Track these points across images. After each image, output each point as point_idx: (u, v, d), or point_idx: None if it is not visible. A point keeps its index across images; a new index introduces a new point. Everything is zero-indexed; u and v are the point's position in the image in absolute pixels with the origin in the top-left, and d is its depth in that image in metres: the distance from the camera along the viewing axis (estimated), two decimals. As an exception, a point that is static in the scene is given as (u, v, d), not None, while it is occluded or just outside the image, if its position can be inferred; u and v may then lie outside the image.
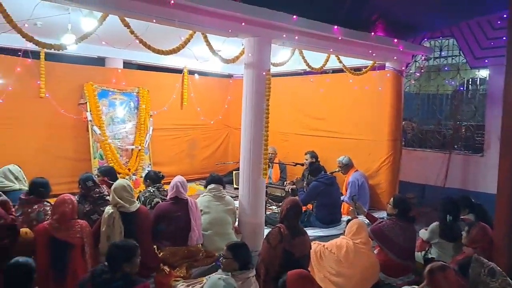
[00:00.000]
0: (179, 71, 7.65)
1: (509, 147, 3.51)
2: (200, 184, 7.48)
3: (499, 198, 3.52)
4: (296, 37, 4.62)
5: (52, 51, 5.90)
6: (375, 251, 4.27)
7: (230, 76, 8.63)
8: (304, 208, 5.58)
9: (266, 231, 4.69)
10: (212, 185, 4.54)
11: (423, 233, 4.55)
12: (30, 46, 5.53)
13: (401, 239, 4.19)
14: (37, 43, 3.45)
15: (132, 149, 6.83)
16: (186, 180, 4.38)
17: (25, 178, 4.61)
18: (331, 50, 5.15)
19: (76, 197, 3.97)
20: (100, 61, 7.10)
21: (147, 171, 5.91)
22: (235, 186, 7.07)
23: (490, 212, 4.15)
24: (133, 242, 2.92)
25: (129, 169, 6.63)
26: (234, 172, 7.46)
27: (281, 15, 4.32)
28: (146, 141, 7.02)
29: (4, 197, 3.54)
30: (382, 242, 4.21)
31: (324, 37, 4.94)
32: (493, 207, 3.76)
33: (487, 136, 6.42)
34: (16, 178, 4.49)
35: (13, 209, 3.59)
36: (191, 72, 7.77)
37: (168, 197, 4.27)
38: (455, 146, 6.97)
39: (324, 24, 4.80)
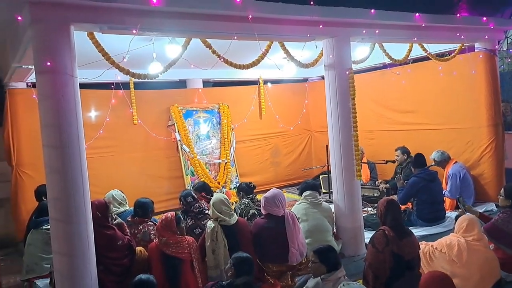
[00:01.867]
0: (254, 82, 7.78)
1: None
2: (288, 192, 7.51)
3: None
4: (377, 31, 4.45)
5: (139, 80, 6.43)
6: (491, 248, 3.92)
7: (305, 80, 8.59)
8: (403, 207, 5.35)
9: (366, 234, 4.58)
10: (308, 192, 4.50)
11: None
12: (120, 78, 6.11)
13: None
14: (132, 75, 3.70)
15: (219, 163, 7.07)
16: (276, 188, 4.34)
17: (127, 201, 4.91)
18: (415, 38, 4.88)
19: (179, 212, 4.17)
20: (181, 84, 7.48)
21: (238, 184, 6.06)
22: (323, 190, 6.97)
23: None
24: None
25: (218, 182, 6.88)
26: (321, 176, 7.37)
27: (358, 11, 4.21)
28: (231, 154, 7.23)
29: (119, 220, 3.83)
30: (498, 239, 3.88)
31: (406, 26, 4.71)
32: None
33: None
34: (120, 203, 4.78)
35: (127, 230, 3.86)
36: (266, 82, 7.87)
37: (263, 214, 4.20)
38: None
39: (404, 13, 4.59)
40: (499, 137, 5.74)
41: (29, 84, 5.94)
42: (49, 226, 4.02)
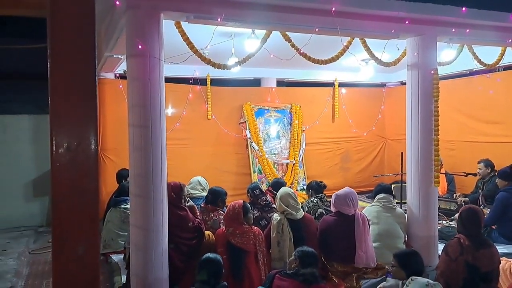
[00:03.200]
0: (329, 84, 7.69)
1: None
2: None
3: None
4: (467, 31, 4.19)
5: (216, 76, 6.66)
6: None
7: (383, 85, 8.31)
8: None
9: (440, 246, 4.30)
10: (382, 195, 4.34)
11: None
12: (198, 74, 6.38)
13: None
14: (213, 64, 3.84)
15: (287, 164, 7.07)
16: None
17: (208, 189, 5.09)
18: (509, 41, 4.51)
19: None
20: (256, 82, 7.61)
21: (305, 185, 6.00)
22: (396, 201, 6.66)
23: None
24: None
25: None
26: (393, 186, 7.04)
27: (448, 8, 3.99)
28: (300, 156, 7.19)
29: (191, 203, 3.97)
30: None
31: (500, 27, 4.37)
32: None
33: None
34: (203, 189, 5.04)
35: (198, 213, 3.99)
36: (342, 85, 7.74)
37: (333, 211, 4.16)
38: None
39: (499, 12, 4.26)
40: None
41: (116, 75, 6.42)
42: (127, 206, 4.33)
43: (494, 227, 4.90)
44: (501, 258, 3.54)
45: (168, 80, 6.47)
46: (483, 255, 3.22)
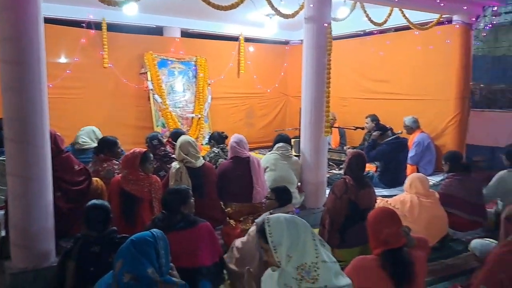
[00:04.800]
0: (235, 38, 7.64)
1: None
2: (259, 153, 7.51)
3: None
4: (359, -14, 4.41)
5: (113, 21, 6.19)
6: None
7: (286, 42, 8.48)
8: (365, 170, 5.49)
9: (328, 190, 4.68)
10: (281, 144, 4.56)
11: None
12: (93, 17, 5.87)
13: (463, 193, 4.10)
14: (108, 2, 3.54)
15: (192, 118, 6.98)
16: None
17: None
18: (395, 0, 4.86)
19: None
20: (158, 31, 7.25)
21: (211, 132, 6.00)
22: (295, 154, 7.02)
23: None
24: (185, 185, 3.12)
25: (189, 137, 6.80)
26: (293, 140, 7.39)
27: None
28: (205, 110, 7.14)
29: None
30: (448, 205, 4.04)
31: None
32: None
33: None
34: (97, 138, 4.74)
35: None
36: (247, 40, 7.73)
37: (228, 157, 4.31)
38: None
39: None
40: (465, 111, 5.91)
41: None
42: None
43: (376, 172, 5.45)
44: (377, 198, 4.00)
45: (58, 22, 5.93)
46: (363, 195, 3.60)
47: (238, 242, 3.15)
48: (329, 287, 1.94)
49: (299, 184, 4.64)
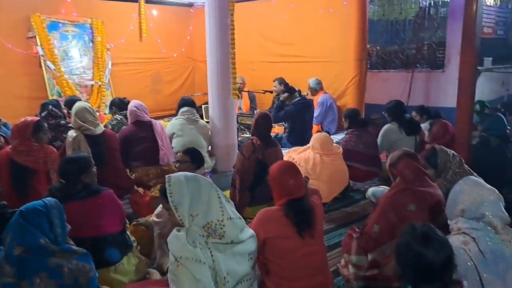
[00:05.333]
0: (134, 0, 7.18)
1: (469, 57, 3.56)
2: (168, 121, 7.29)
3: (460, 95, 3.59)
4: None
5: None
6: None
7: (190, 5, 8.17)
8: (275, 132, 5.66)
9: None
10: (185, 108, 4.44)
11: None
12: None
13: (361, 147, 4.38)
14: None
15: (92, 85, 6.52)
16: (153, 117, 4.27)
17: None
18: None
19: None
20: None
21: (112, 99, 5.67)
22: (205, 120, 6.96)
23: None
24: (84, 153, 2.94)
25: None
26: (203, 106, 7.29)
27: None
28: (106, 77, 6.71)
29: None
30: (348, 159, 4.28)
31: None
32: (453, 120, 3.87)
33: (448, 52, 6.49)
34: None
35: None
36: (148, 1, 7.30)
37: (129, 122, 4.13)
38: (417, 65, 7.03)
39: None
40: (363, 72, 6.31)
41: None
42: None
43: (285, 135, 5.63)
44: (285, 154, 4.15)
45: None
46: (270, 153, 3.69)
47: (153, 217, 3.04)
48: (235, 241, 1.98)
49: (209, 148, 4.62)
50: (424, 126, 4.63)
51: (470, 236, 1.89)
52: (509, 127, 4.13)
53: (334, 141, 4.79)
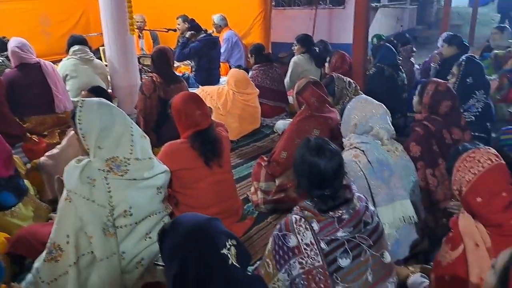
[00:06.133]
0: None
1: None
2: (61, 65, 6.67)
3: (356, 28, 3.75)
4: None
5: None
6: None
7: None
8: (181, 71, 5.49)
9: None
10: (76, 47, 4.04)
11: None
12: None
13: (268, 82, 4.49)
14: None
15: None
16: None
17: None
18: None
19: None
20: None
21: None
22: (105, 63, 6.46)
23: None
24: None
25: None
26: (100, 48, 6.72)
27: None
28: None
29: None
30: (259, 95, 4.37)
31: None
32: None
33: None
34: None
35: None
36: None
37: (13, 65, 3.68)
38: (320, 2, 7.15)
39: None
40: (267, 9, 6.27)
41: None
42: None
43: (192, 74, 5.48)
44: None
45: None
46: (174, 90, 3.54)
47: (42, 159, 2.82)
48: (138, 179, 1.91)
49: (110, 90, 4.34)
50: None
51: (360, 149, 2.07)
52: (400, 58, 4.46)
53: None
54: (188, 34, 5.48)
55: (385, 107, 2.18)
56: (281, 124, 4.26)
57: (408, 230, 2.10)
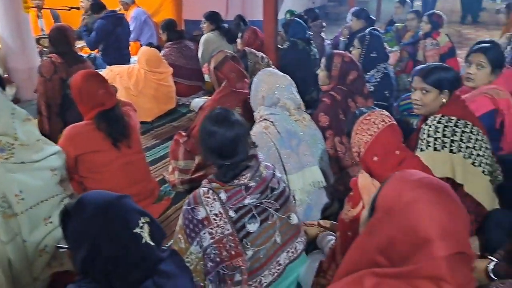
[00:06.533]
0: None
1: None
2: None
3: (265, 5, 3.76)
4: None
5: None
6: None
7: None
8: (86, 52, 5.14)
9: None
10: None
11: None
12: None
13: (183, 61, 4.36)
14: None
15: None
16: None
17: None
18: None
19: None
20: None
21: None
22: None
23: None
24: None
25: None
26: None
27: None
28: None
29: None
30: (172, 75, 4.24)
31: None
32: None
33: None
34: None
35: None
36: None
37: None
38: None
39: None
40: (179, -17, 6.06)
41: None
42: None
43: (99, 54, 5.15)
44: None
45: None
46: (76, 70, 3.24)
47: None
48: (26, 162, 1.77)
49: (5, 75, 3.94)
50: None
51: (269, 121, 2.10)
52: (310, 33, 4.59)
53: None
54: (94, 16, 5.11)
55: (289, 78, 2.23)
56: (196, 102, 4.19)
57: (319, 195, 2.19)
